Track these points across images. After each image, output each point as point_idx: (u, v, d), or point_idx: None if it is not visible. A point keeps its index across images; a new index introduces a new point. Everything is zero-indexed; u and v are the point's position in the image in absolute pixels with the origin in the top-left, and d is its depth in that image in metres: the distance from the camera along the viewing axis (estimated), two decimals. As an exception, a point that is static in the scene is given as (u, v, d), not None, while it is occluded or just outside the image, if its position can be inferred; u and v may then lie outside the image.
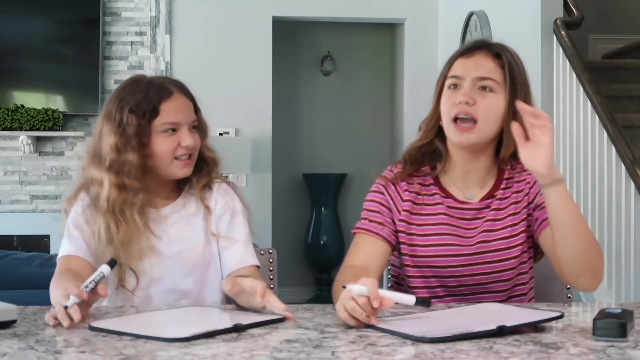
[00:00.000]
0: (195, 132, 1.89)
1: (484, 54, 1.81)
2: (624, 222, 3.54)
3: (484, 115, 1.75)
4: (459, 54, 1.83)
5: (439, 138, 1.84)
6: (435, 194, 1.84)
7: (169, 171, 1.87)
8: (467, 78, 1.77)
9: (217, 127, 5.58)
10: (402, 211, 1.83)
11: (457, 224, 1.82)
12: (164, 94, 1.86)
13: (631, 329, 1.35)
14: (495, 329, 1.31)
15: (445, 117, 1.78)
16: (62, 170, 5.59)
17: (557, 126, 4.06)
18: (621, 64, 5.02)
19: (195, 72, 5.61)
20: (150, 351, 1.23)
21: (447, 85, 1.80)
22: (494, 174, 1.85)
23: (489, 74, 1.78)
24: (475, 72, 1.78)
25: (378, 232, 1.82)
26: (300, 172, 6.58)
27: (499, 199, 1.82)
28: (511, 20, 4.53)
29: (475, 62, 1.79)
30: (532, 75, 1.94)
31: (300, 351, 1.23)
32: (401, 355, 1.21)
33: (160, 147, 1.84)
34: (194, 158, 1.90)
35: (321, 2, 5.85)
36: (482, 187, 1.84)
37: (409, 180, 1.85)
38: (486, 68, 1.78)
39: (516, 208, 1.82)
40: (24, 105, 5.48)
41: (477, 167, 1.83)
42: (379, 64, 6.61)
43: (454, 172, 1.84)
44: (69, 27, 5.66)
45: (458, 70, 1.80)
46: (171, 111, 1.85)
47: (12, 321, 1.43)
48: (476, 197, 1.84)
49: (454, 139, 1.77)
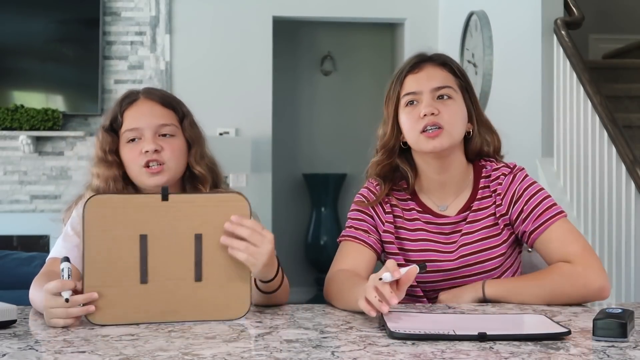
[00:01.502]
0: (168, 139, 1.80)
1: (431, 65, 1.83)
2: (624, 222, 3.54)
3: (449, 121, 1.77)
4: (407, 71, 1.83)
5: (401, 158, 1.86)
6: (412, 209, 1.86)
7: (140, 181, 1.80)
8: (424, 91, 1.79)
9: (217, 127, 5.59)
10: (385, 222, 1.85)
11: (437, 239, 1.83)
12: (127, 100, 1.83)
13: (631, 329, 1.35)
14: (476, 335, 1.30)
15: (411, 132, 1.79)
16: (62, 170, 5.59)
17: (557, 126, 4.06)
18: (621, 64, 5.03)
19: (195, 72, 5.61)
20: (150, 351, 1.23)
21: (404, 103, 1.81)
22: (470, 182, 1.85)
23: (444, 83, 1.80)
24: (430, 84, 1.79)
25: (364, 239, 1.83)
26: (300, 172, 6.58)
27: (474, 211, 1.82)
28: (511, 20, 4.53)
29: (426, 74, 1.81)
30: (532, 75, 1.94)
31: (300, 351, 1.23)
32: (401, 355, 1.21)
33: (125, 156, 1.81)
34: (172, 165, 1.79)
35: (321, 2, 5.86)
36: (457, 197, 1.84)
37: (386, 198, 1.87)
38: (439, 78, 1.81)
39: (494, 220, 1.82)
40: (23, 105, 5.48)
41: (451, 175, 1.83)
42: (379, 64, 6.61)
43: (429, 186, 1.85)
44: (68, 27, 5.66)
45: (412, 86, 1.81)
46: (132, 117, 1.80)
47: (12, 321, 1.43)
48: (452, 209, 1.84)
49: (426, 147, 1.77)
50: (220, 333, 1.38)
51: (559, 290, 1.69)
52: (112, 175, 1.81)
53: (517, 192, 1.80)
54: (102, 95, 5.59)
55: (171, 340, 1.31)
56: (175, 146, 1.80)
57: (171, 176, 1.80)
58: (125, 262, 1.47)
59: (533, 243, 1.78)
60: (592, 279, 1.68)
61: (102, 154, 1.82)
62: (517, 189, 1.80)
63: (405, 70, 1.84)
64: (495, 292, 1.73)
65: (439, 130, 1.75)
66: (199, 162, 1.85)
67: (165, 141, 1.79)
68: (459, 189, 1.84)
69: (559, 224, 1.76)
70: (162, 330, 1.40)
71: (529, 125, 4.26)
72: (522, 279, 1.80)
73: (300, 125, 6.66)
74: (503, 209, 1.81)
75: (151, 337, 1.34)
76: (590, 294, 1.68)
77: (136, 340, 1.32)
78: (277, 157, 6.08)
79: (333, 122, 6.66)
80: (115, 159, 1.82)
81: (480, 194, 1.83)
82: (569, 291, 1.69)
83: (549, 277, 1.71)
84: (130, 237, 1.47)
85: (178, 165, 1.82)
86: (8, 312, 1.42)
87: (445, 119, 1.76)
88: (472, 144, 1.85)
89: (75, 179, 5.52)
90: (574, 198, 3.93)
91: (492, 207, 1.82)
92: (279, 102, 6.14)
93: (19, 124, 5.40)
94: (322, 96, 6.70)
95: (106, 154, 1.81)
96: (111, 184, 1.81)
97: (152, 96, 1.83)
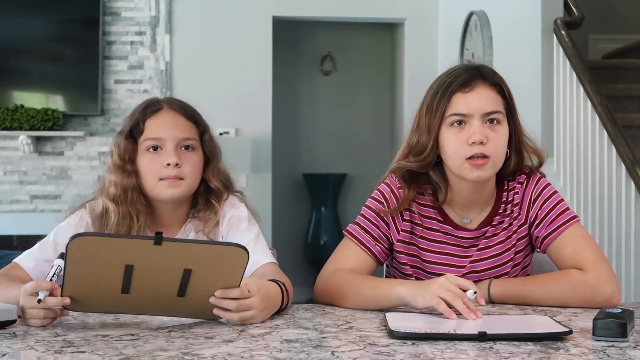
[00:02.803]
0: (189, 152, 1.79)
1: (483, 85, 1.73)
2: (624, 222, 3.54)
3: (496, 151, 1.72)
4: (457, 89, 1.72)
5: (434, 170, 1.79)
6: (433, 219, 1.81)
7: (155, 193, 1.78)
8: (475, 115, 1.70)
9: (217, 127, 5.59)
10: (401, 231, 1.80)
11: (453, 252, 1.81)
12: (150, 109, 1.81)
13: (631, 329, 1.35)
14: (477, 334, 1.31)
15: (455, 156, 1.72)
16: (62, 170, 5.59)
17: (557, 126, 4.06)
18: (621, 64, 5.03)
19: (195, 72, 5.61)
20: (150, 351, 1.23)
21: (450, 122, 1.72)
22: (494, 197, 1.82)
23: (495, 107, 1.73)
24: (481, 108, 1.71)
25: (370, 247, 1.79)
26: (300, 172, 6.58)
27: (494, 226, 1.81)
28: (511, 20, 4.53)
29: (478, 96, 1.71)
30: (532, 75, 1.94)
31: (300, 351, 1.23)
32: (401, 355, 1.21)
33: (143, 166, 1.78)
34: (190, 181, 1.78)
35: (321, 2, 5.85)
36: (480, 212, 1.82)
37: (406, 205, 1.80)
38: (490, 102, 1.72)
39: (507, 233, 1.80)
40: (23, 105, 5.48)
41: (480, 196, 1.80)
42: (379, 64, 6.61)
43: (456, 201, 1.81)
44: (68, 27, 5.66)
45: (461, 107, 1.71)
46: (154, 127, 1.78)
47: (12, 321, 1.43)
48: (474, 222, 1.81)
49: (470, 175, 1.71)
50: (220, 333, 1.38)
51: (564, 299, 1.67)
52: (130, 184, 1.78)
53: (532, 197, 1.79)
54: (102, 95, 5.59)
55: (171, 340, 1.31)
56: (195, 161, 1.80)
57: (187, 190, 1.79)
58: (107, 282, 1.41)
59: (546, 249, 1.77)
60: (602, 289, 1.66)
61: (120, 162, 1.79)
62: (532, 194, 1.79)
63: (456, 86, 1.72)
64: (501, 292, 1.72)
65: (485, 160, 1.69)
66: (215, 177, 1.84)
67: (186, 155, 1.78)
68: (484, 205, 1.82)
69: (572, 229, 1.75)
70: (162, 330, 1.40)
71: (528, 125, 4.23)
72: (529, 281, 1.76)
73: (300, 125, 6.66)
74: (521, 219, 1.80)
75: (151, 337, 1.34)
76: (598, 303, 1.65)
77: (136, 340, 1.32)
78: (277, 157, 6.08)
79: (333, 122, 6.66)
80: (134, 169, 1.79)
81: (502, 208, 1.81)
82: (576, 301, 1.67)
83: (558, 284, 1.69)
84: (116, 267, 1.39)
85: (195, 180, 1.81)
86: (8, 312, 1.42)
87: (492, 150, 1.70)
88: (507, 166, 1.79)
89: (75, 179, 5.52)
90: (574, 198, 3.93)
91: (510, 220, 1.80)
92: (279, 102, 6.14)
93: (19, 124, 5.40)
94: (322, 96, 6.70)
95: (125, 162, 1.78)
96: (129, 194, 1.78)
97: (176, 107, 1.82)
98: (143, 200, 1.80)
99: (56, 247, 1.74)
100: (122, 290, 1.42)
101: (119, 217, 1.77)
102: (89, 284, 1.41)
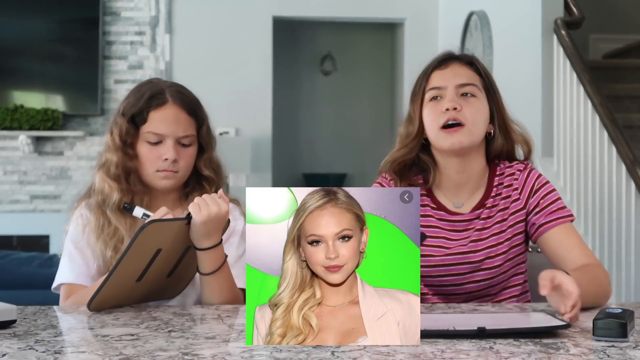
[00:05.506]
0: (186, 148, 1.84)
1: (458, 63, 1.84)
2: (624, 222, 3.54)
3: (471, 118, 1.77)
4: (434, 67, 1.84)
5: (424, 152, 1.85)
6: (426, 206, 1.84)
7: (150, 180, 1.84)
8: (449, 86, 1.79)
9: (217, 127, 5.58)
10: None
11: (448, 236, 1.82)
12: (156, 101, 1.83)
13: (631, 329, 1.35)
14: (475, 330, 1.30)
15: (432, 126, 1.79)
16: (62, 170, 5.59)
17: (557, 126, 4.06)
18: (622, 64, 5.03)
19: (195, 72, 5.62)
20: (150, 351, 1.23)
21: (428, 98, 1.81)
22: (485, 180, 1.85)
23: (469, 80, 1.81)
24: (455, 80, 1.80)
25: None
26: (300, 172, 6.59)
27: (488, 208, 1.82)
28: (511, 20, 4.53)
29: (452, 71, 1.82)
30: (532, 75, 1.95)
31: (300, 351, 1.23)
32: (401, 356, 1.21)
33: (142, 154, 1.83)
34: (183, 173, 1.85)
35: (321, 2, 5.86)
36: (472, 194, 1.84)
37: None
38: (464, 75, 1.82)
39: (503, 215, 1.82)
40: (23, 105, 5.48)
41: (469, 176, 1.83)
42: (379, 63, 6.61)
43: (445, 183, 1.84)
44: (68, 27, 5.66)
45: (437, 81, 1.81)
46: (157, 121, 1.82)
47: (12, 321, 1.43)
48: (466, 206, 1.83)
49: (445, 143, 1.77)
50: (220, 333, 1.38)
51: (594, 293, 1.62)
52: (133, 167, 1.83)
53: (535, 186, 1.82)
54: (102, 95, 5.59)
55: (171, 340, 1.31)
56: (190, 155, 1.86)
57: (179, 181, 1.87)
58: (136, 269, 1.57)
59: (540, 236, 1.78)
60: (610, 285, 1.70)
61: (122, 144, 1.82)
62: (535, 183, 1.82)
63: (432, 66, 1.84)
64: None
65: (459, 127, 1.75)
66: (207, 166, 1.91)
67: (183, 151, 1.84)
68: (475, 188, 1.84)
69: (569, 225, 1.78)
70: (162, 330, 1.40)
71: (529, 125, 4.22)
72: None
73: (300, 125, 6.66)
74: (520, 203, 1.82)
75: (151, 337, 1.34)
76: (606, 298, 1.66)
77: (136, 340, 1.32)
78: (277, 157, 6.08)
79: (333, 122, 6.66)
80: (135, 153, 1.83)
81: (495, 191, 1.83)
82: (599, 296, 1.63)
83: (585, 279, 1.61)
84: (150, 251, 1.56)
85: (188, 171, 1.88)
86: (8, 312, 1.42)
87: (467, 116, 1.76)
88: (492, 146, 1.85)
89: (75, 179, 5.52)
90: (574, 198, 3.93)
91: (506, 202, 1.82)
92: (279, 102, 6.14)
93: (19, 124, 5.40)
94: (322, 96, 6.70)
95: (126, 145, 1.82)
96: (130, 176, 1.83)
97: (179, 102, 1.85)
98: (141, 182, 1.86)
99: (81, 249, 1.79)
100: (138, 278, 1.57)
101: (122, 196, 1.81)
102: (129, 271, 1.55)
